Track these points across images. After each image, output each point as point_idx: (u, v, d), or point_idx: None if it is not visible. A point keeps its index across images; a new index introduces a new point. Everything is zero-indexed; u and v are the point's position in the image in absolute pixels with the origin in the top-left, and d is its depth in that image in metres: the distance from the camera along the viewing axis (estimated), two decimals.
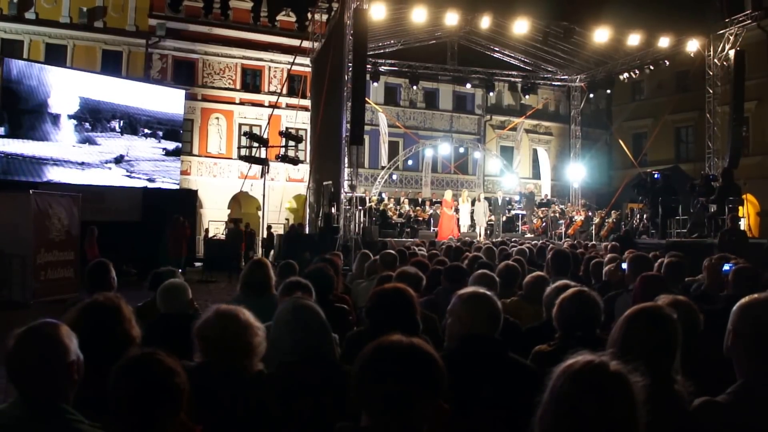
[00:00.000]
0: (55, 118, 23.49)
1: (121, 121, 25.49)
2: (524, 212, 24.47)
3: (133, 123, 25.89)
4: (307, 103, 29.19)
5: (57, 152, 23.57)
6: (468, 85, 29.70)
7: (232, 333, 2.88)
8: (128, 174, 25.65)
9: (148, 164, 26.42)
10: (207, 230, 26.82)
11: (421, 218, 23.60)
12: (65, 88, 23.70)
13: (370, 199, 22.48)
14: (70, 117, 23.93)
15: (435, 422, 1.85)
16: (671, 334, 2.55)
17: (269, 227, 25.37)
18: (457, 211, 22.38)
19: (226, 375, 2.83)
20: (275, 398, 2.75)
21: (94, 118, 24.62)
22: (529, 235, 22.61)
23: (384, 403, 1.81)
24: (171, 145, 27.32)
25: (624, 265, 6.48)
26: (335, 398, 2.43)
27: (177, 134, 27.79)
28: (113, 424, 2.19)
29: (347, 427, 1.92)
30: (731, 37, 21.09)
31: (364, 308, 3.85)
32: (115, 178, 24.95)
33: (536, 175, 33.99)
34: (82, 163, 24.30)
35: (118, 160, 25.42)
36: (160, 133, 26.79)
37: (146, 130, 26.31)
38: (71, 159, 24.00)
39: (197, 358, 2.95)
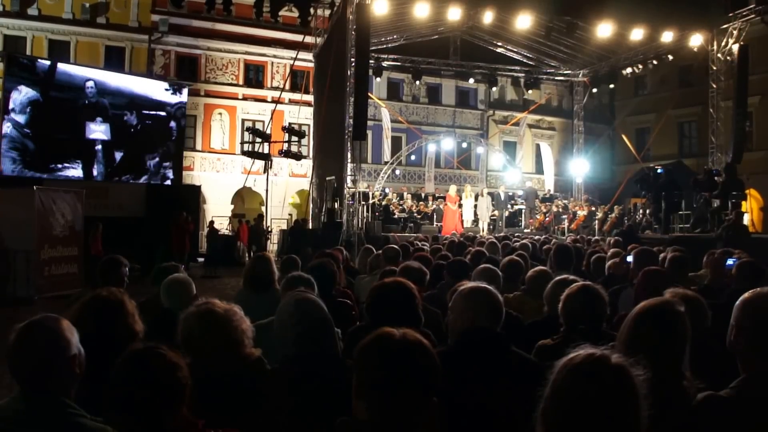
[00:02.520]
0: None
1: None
2: (525, 207, 24.46)
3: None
4: (309, 98, 29.21)
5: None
6: (471, 80, 29.67)
7: (214, 331, 2.84)
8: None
9: None
10: (212, 223, 26.86)
11: (424, 213, 23.61)
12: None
13: (373, 194, 22.51)
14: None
15: (430, 415, 1.86)
16: (680, 330, 2.53)
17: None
18: (460, 206, 22.38)
19: (221, 370, 2.82)
20: (278, 391, 2.76)
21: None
22: (527, 230, 22.61)
23: (377, 395, 1.82)
24: None
25: (629, 258, 6.46)
26: (337, 392, 2.43)
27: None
28: (115, 419, 2.20)
29: (347, 422, 1.92)
30: (735, 32, 21.04)
31: (365, 303, 3.85)
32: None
33: (539, 170, 33.97)
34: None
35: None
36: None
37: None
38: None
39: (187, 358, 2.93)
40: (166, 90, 26.24)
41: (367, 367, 1.88)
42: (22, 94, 21.74)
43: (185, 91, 27.00)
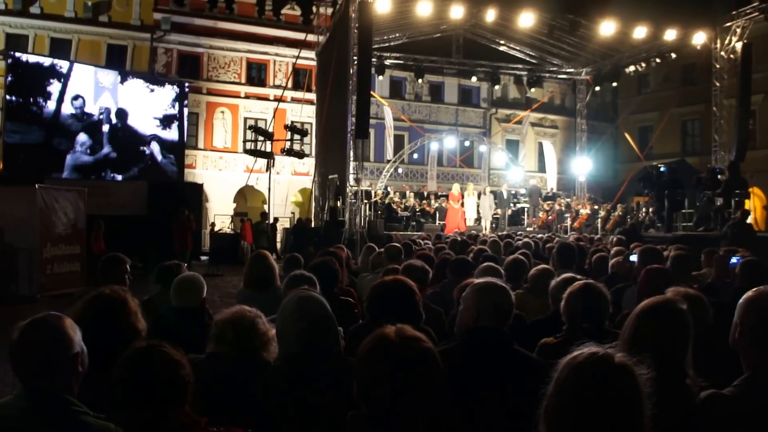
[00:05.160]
0: None
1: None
2: (527, 205, 24.46)
3: None
4: (312, 96, 29.22)
5: None
6: (473, 79, 29.56)
7: (250, 321, 2.97)
8: None
9: None
10: (213, 224, 26.86)
11: (426, 211, 23.60)
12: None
13: (375, 192, 22.49)
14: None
15: (433, 411, 1.86)
16: (683, 328, 2.53)
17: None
18: (462, 204, 22.35)
19: (238, 364, 2.88)
20: (280, 389, 2.76)
21: None
22: (529, 229, 22.58)
23: (378, 400, 1.83)
24: None
25: (632, 257, 6.45)
26: (339, 390, 2.43)
27: None
28: (118, 416, 2.20)
29: (357, 416, 1.92)
30: (738, 30, 21.00)
31: (365, 302, 3.85)
32: None
33: (542, 168, 33.91)
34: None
35: None
36: None
37: None
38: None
39: (210, 347, 3.00)
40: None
41: (366, 374, 1.88)
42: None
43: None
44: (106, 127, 25.53)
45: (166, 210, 19.70)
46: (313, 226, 23.33)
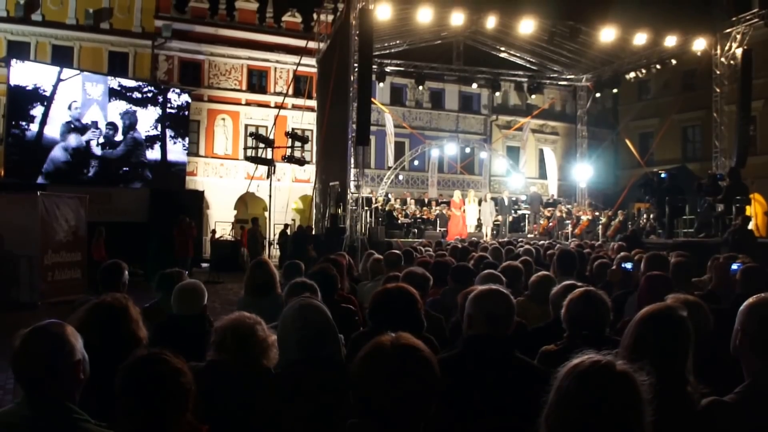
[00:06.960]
0: None
1: None
2: (528, 212, 24.43)
3: None
4: (313, 103, 29.24)
5: None
6: (474, 85, 29.63)
7: (249, 327, 2.96)
8: None
9: None
10: (214, 231, 26.86)
11: (427, 219, 23.58)
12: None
13: (376, 199, 22.47)
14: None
15: (431, 420, 1.86)
16: (684, 336, 2.52)
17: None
18: (463, 211, 22.34)
19: (239, 372, 2.87)
20: (280, 396, 2.76)
21: None
22: (530, 236, 22.54)
23: (377, 409, 1.83)
24: None
25: (625, 265, 6.45)
26: (339, 398, 2.43)
27: None
28: (120, 424, 2.20)
29: (357, 424, 1.92)
30: (738, 36, 21.02)
31: (367, 309, 3.85)
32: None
33: (543, 175, 33.93)
34: None
35: None
36: None
37: None
38: None
39: (210, 355, 3.00)
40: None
41: (364, 382, 1.88)
42: None
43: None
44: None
45: (167, 217, 19.71)
46: (313, 233, 23.33)
